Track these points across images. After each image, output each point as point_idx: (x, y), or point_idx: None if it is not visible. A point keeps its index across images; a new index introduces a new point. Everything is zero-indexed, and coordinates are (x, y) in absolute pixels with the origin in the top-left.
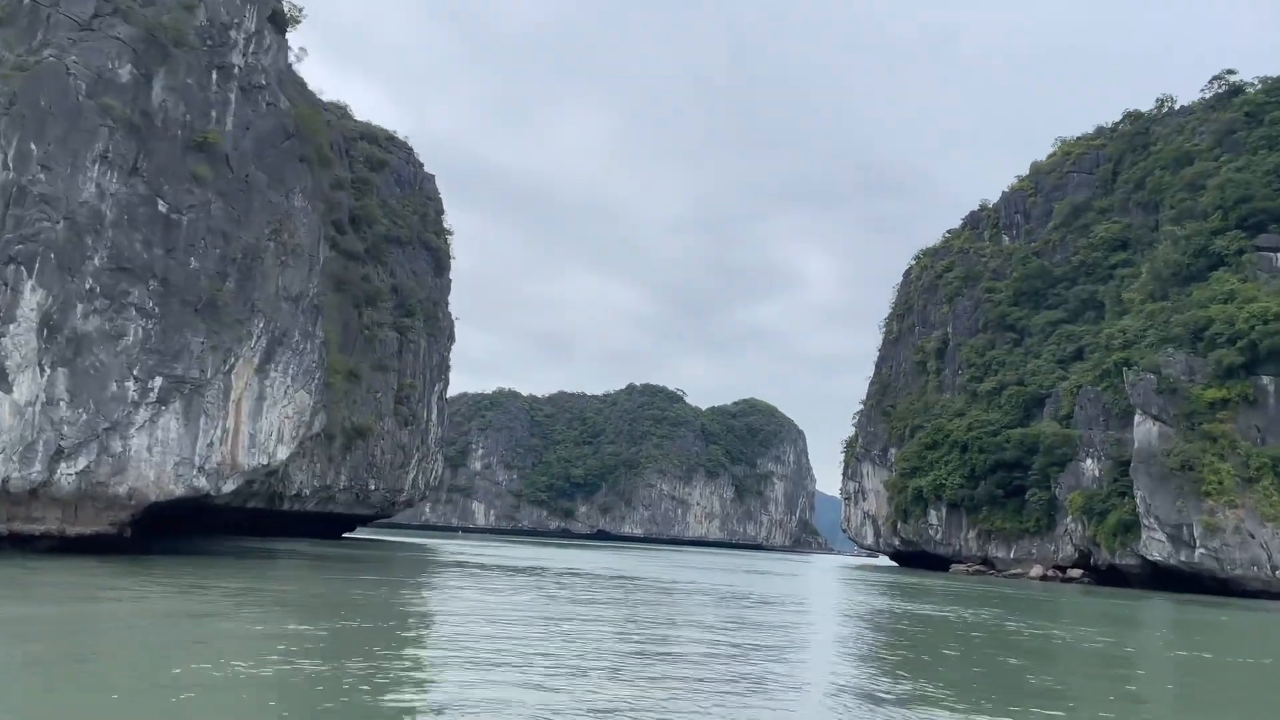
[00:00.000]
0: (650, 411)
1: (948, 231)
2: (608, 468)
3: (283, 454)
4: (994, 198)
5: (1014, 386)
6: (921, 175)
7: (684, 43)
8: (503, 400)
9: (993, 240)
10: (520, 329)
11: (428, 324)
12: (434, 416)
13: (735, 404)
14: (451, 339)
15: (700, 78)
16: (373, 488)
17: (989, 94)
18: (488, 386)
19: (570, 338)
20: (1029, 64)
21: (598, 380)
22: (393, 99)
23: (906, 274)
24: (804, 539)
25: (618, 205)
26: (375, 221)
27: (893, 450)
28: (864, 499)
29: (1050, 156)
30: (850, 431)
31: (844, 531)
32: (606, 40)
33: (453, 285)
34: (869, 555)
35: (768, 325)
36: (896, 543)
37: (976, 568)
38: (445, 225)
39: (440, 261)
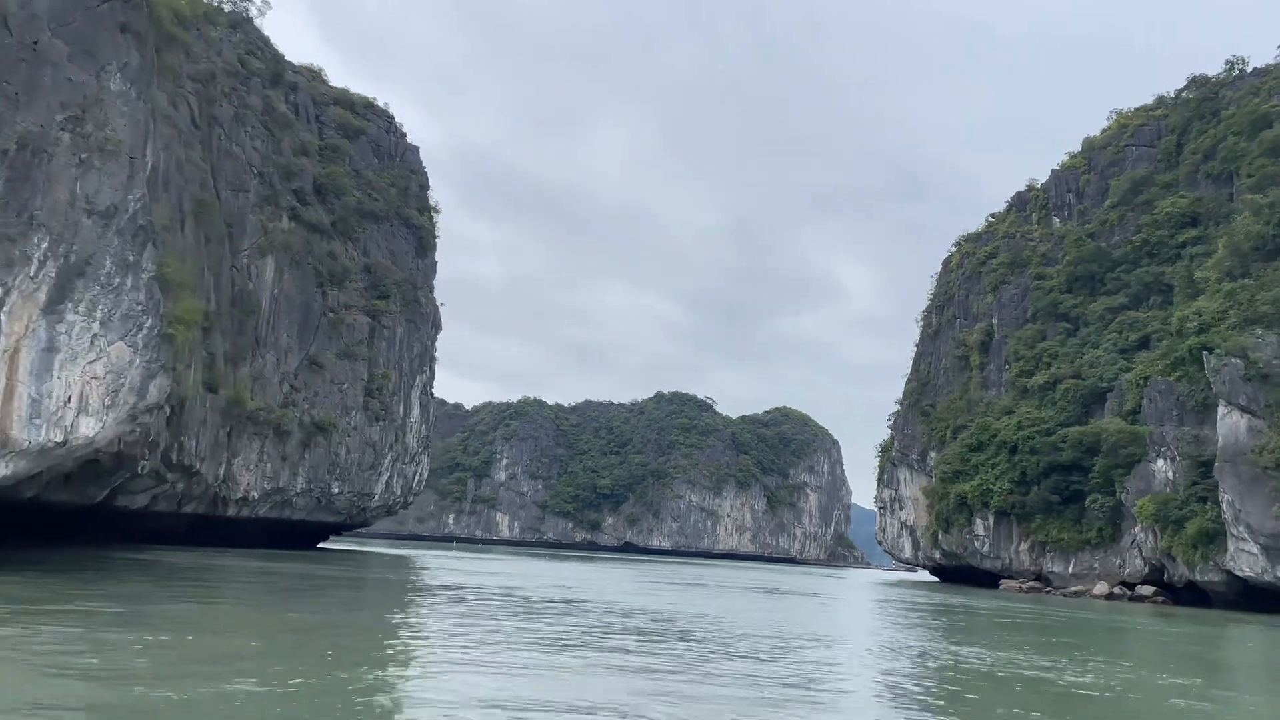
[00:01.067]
0: (679, 420)
1: (990, 216)
2: (635, 478)
3: (91, 429)
4: (1042, 179)
5: (1070, 380)
6: (958, 176)
7: (715, 47)
8: (528, 409)
9: (1042, 223)
10: (552, 340)
11: (406, 308)
12: (415, 413)
13: (767, 413)
14: (437, 326)
15: (732, 82)
16: (336, 491)
17: (1025, 88)
18: (514, 396)
19: (603, 349)
20: (1064, 54)
21: (631, 392)
22: (423, 107)
23: (946, 262)
24: (839, 552)
25: (650, 213)
26: (345, 192)
27: (932, 454)
28: (901, 508)
29: (1104, 131)
30: (886, 435)
31: (879, 544)
32: (637, 45)
33: (439, 268)
34: (907, 570)
35: (803, 335)
36: (937, 555)
37: (1030, 584)
38: (431, 202)
39: (423, 241)
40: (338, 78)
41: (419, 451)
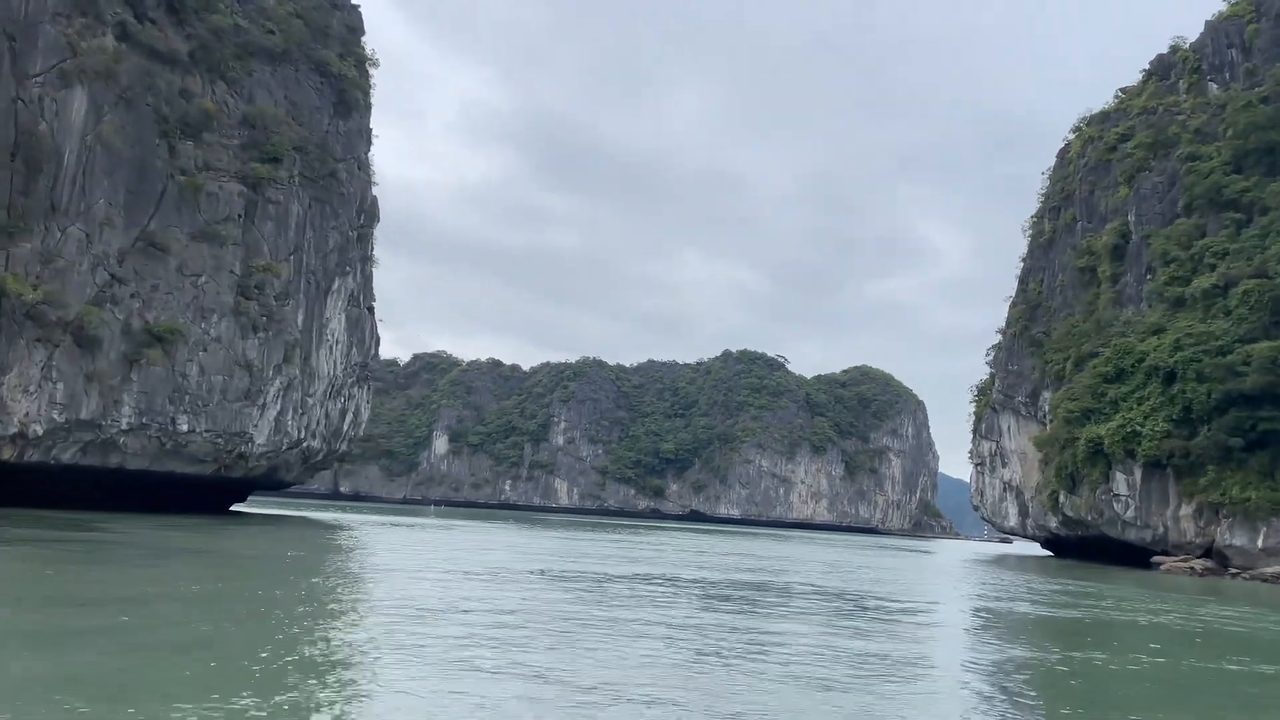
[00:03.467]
0: (747, 380)
1: (1120, 90)
2: (701, 442)
3: None
4: (1191, 36)
5: (1251, 282)
6: (1059, 130)
7: (801, 1)
8: (587, 370)
9: (1194, 90)
10: (629, 311)
11: (314, 184)
12: (336, 330)
13: (844, 372)
14: (371, 217)
15: (818, 38)
16: (186, 428)
17: (1128, 29)
18: (574, 357)
19: (680, 320)
20: None
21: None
22: (500, 77)
23: (1062, 154)
24: (925, 522)
25: (730, 178)
26: (215, 10)
27: (1046, 393)
28: (1004, 464)
29: None
30: (984, 377)
31: (976, 510)
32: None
33: (375, 138)
34: (1002, 541)
35: (888, 301)
36: (1054, 524)
37: (1203, 565)
38: (366, 51)
39: (346, 97)
40: (414, 46)
41: (349, 384)
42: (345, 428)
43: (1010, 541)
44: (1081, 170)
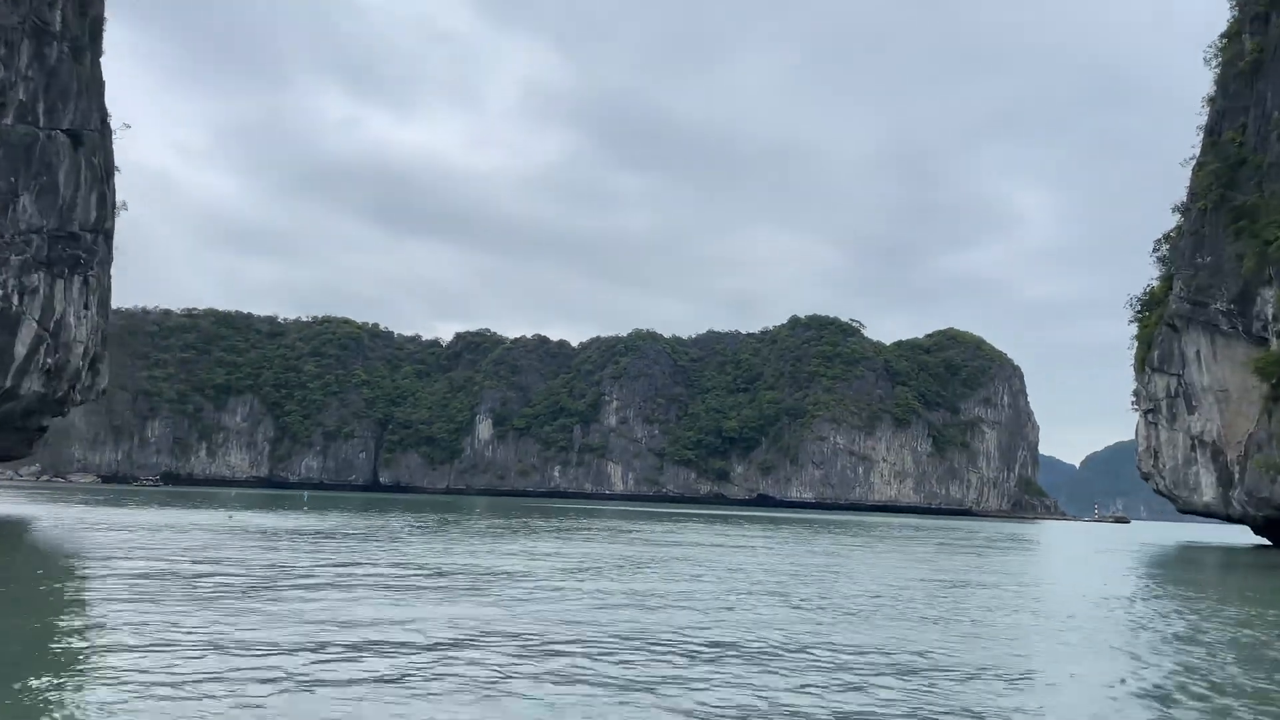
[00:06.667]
0: (819, 349)
1: None
2: (768, 419)
3: None
4: None
5: None
6: (1170, 78)
7: None
8: (640, 343)
9: None
10: (699, 290)
11: None
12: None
13: (928, 337)
14: (93, 40)
15: None
16: None
17: None
18: (625, 330)
19: (754, 297)
20: None
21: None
22: (563, 53)
23: None
24: (1025, 501)
25: (802, 148)
26: None
27: (1267, 291)
28: (1190, 409)
29: None
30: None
31: (1144, 477)
32: None
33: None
34: (1119, 521)
35: (973, 273)
36: None
37: None
38: None
39: None
40: (471, 26)
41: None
42: (32, 356)
43: (1128, 521)
44: None
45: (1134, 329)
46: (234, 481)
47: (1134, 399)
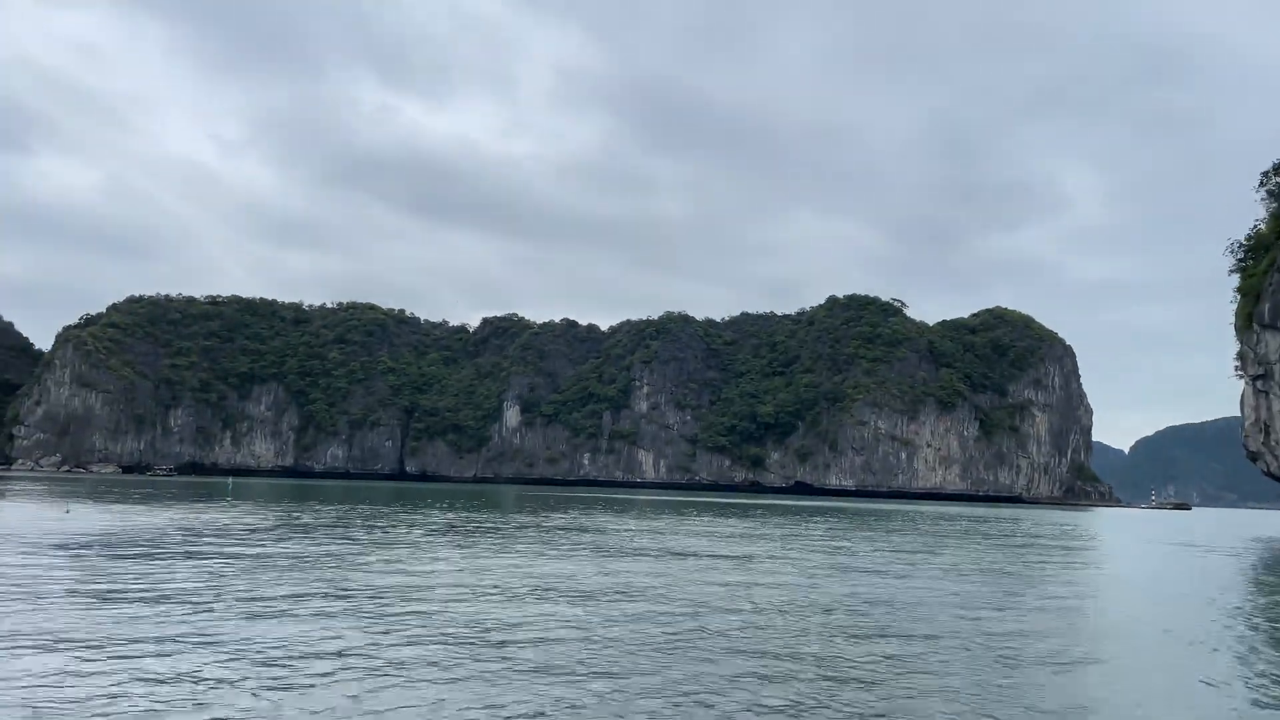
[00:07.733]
0: (858, 330)
1: None
2: (805, 403)
3: None
4: None
5: None
6: (1226, 52)
7: None
8: (671, 326)
9: None
10: (740, 278)
11: None
12: None
13: (974, 316)
14: None
15: None
16: None
17: None
18: (656, 313)
19: (794, 281)
20: None
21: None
22: (596, 40)
23: None
24: (1078, 488)
25: (842, 129)
26: None
27: None
28: None
29: None
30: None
31: (1251, 458)
32: None
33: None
34: (1179, 508)
35: (1018, 254)
36: None
37: None
38: None
39: None
40: (502, 12)
41: None
42: None
43: (1188, 508)
44: None
45: (1234, 280)
46: (258, 471)
47: (1237, 363)
